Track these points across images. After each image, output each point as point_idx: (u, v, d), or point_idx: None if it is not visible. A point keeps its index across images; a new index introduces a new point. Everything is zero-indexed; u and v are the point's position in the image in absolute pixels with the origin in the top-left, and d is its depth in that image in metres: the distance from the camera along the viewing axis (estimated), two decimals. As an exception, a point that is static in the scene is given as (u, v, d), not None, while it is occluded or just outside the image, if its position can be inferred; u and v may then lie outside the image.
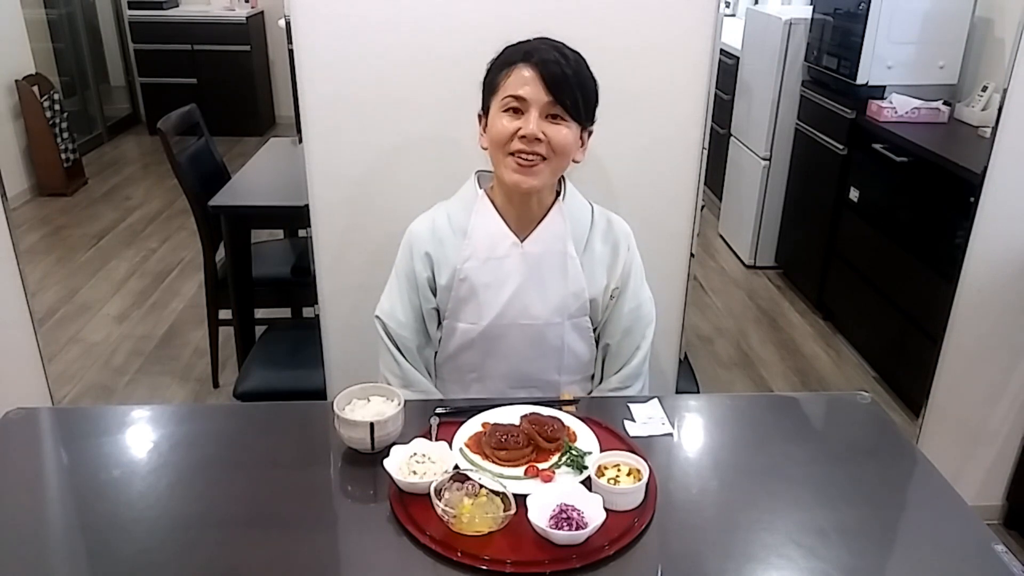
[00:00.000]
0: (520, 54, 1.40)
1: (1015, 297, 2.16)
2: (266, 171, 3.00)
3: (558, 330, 1.53)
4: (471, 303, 1.51)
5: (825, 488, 1.27)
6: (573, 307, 1.52)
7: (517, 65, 1.39)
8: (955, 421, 2.31)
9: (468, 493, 1.15)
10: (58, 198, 4.96)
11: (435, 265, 1.52)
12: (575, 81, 1.39)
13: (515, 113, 1.39)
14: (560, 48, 1.41)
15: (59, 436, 1.42)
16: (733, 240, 4.42)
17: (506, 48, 1.45)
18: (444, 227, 1.52)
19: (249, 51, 6.21)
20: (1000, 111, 1.99)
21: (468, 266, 1.49)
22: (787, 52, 3.74)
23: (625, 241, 1.57)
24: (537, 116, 1.38)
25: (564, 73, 1.38)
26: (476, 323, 1.52)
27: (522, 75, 1.38)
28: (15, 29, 4.88)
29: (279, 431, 1.43)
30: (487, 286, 1.50)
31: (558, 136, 1.40)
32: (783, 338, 3.50)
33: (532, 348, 1.53)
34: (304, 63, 1.78)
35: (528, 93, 1.37)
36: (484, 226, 1.49)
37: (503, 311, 1.50)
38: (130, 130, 6.50)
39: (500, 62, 1.43)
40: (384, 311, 1.56)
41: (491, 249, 1.49)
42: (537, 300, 1.50)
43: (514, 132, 1.39)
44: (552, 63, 1.37)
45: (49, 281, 3.89)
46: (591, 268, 1.53)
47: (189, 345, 3.33)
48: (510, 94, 1.39)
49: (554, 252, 1.50)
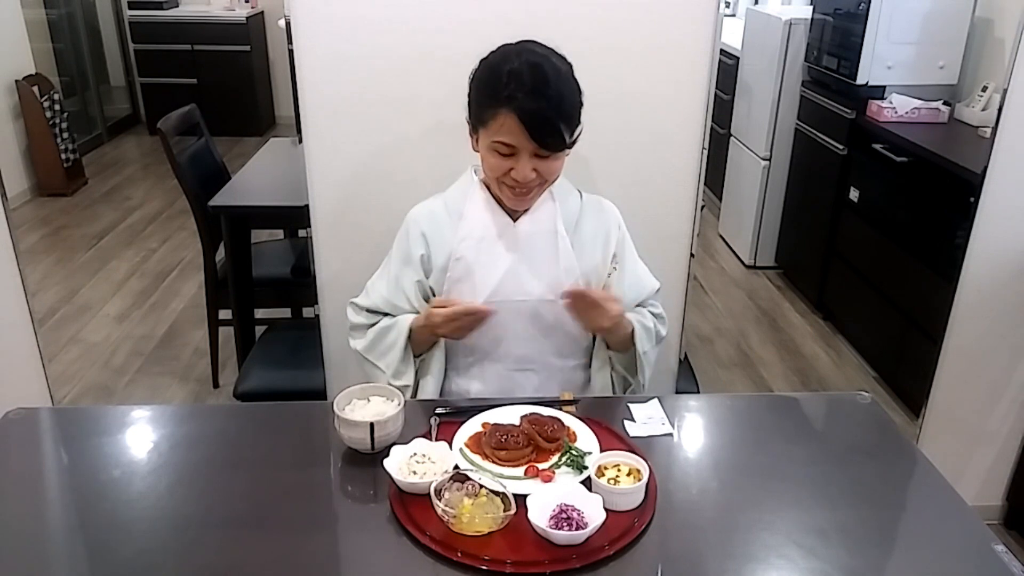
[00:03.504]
0: (503, 96, 1.37)
1: (1015, 297, 2.16)
2: (266, 171, 3.00)
3: (552, 308, 1.55)
4: (466, 283, 1.54)
5: (825, 488, 1.27)
6: (565, 285, 1.55)
7: (500, 111, 1.38)
8: (955, 421, 2.31)
9: (468, 493, 1.15)
10: (58, 198, 4.96)
11: (430, 245, 1.56)
12: (558, 118, 1.38)
13: (505, 155, 1.42)
14: (542, 74, 1.37)
15: (59, 436, 1.42)
16: (733, 240, 4.42)
17: (486, 64, 1.44)
18: (441, 211, 1.58)
19: (249, 51, 6.21)
20: (1000, 111, 1.99)
21: (464, 246, 1.54)
22: (787, 52, 3.74)
23: (615, 221, 1.63)
24: (527, 158, 1.41)
25: (546, 116, 1.37)
26: (471, 302, 1.54)
27: (504, 120, 1.38)
28: (15, 29, 4.89)
29: (279, 431, 1.43)
30: (481, 264, 1.54)
31: (549, 169, 1.45)
32: (783, 338, 3.50)
33: (527, 326, 1.56)
34: (304, 63, 1.78)
35: (515, 140, 1.39)
36: (479, 208, 1.55)
37: (498, 287, 1.53)
38: (130, 130, 6.50)
39: (483, 93, 1.42)
40: (365, 292, 1.63)
41: (485, 229, 1.54)
42: (530, 277, 1.54)
43: (507, 171, 1.43)
44: (534, 110, 1.36)
45: (49, 281, 3.89)
46: (581, 247, 1.57)
47: (189, 345, 3.33)
48: (497, 139, 1.40)
49: (545, 232, 1.55)
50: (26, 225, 4.53)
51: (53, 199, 4.95)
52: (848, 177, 3.37)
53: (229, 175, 3.00)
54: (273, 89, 6.64)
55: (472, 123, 1.48)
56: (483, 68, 1.45)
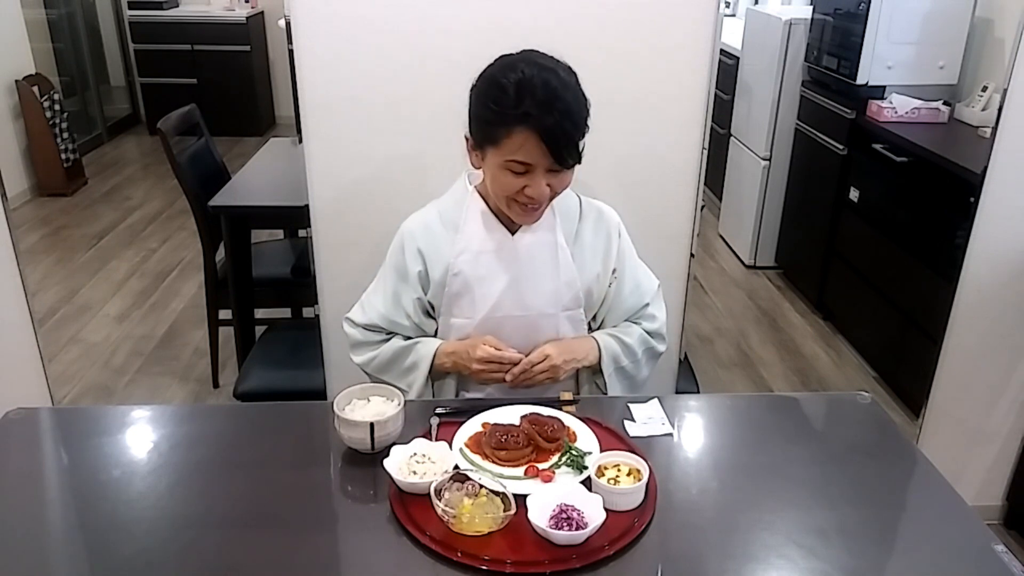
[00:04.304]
0: (517, 114, 1.32)
1: (1015, 297, 2.16)
2: (266, 171, 3.00)
3: (552, 321, 1.54)
4: (465, 297, 1.53)
5: (825, 488, 1.27)
6: (566, 297, 1.54)
7: (515, 128, 1.33)
8: (955, 421, 2.31)
9: (468, 493, 1.15)
10: (58, 198, 4.96)
11: (427, 260, 1.53)
12: (574, 131, 1.35)
13: (519, 174, 1.38)
14: (554, 89, 1.33)
15: (59, 436, 1.42)
16: (733, 240, 4.42)
17: (490, 79, 1.38)
18: (436, 223, 1.54)
19: (249, 51, 6.21)
20: (1000, 111, 1.99)
21: (461, 260, 1.51)
22: (787, 52, 3.74)
23: (615, 228, 1.59)
24: (542, 174, 1.38)
25: (564, 130, 1.33)
26: (471, 317, 1.53)
27: (522, 139, 1.33)
28: (15, 29, 4.89)
29: (279, 431, 1.43)
30: (481, 279, 1.51)
31: (562, 184, 1.42)
32: (783, 338, 3.50)
33: (527, 341, 1.54)
34: (304, 63, 1.78)
35: (532, 158, 1.35)
36: (476, 221, 1.51)
37: (498, 302, 1.51)
38: (130, 130, 6.50)
39: (492, 110, 1.36)
40: (360, 307, 1.61)
41: (483, 242, 1.51)
42: (530, 291, 1.52)
43: (521, 188, 1.39)
44: (553, 126, 1.32)
45: (49, 281, 3.89)
46: (581, 258, 1.55)
47: (189, 345, 3.33)
48: (513, 159, 1.36)
49: (545, 243, 1.52)
50: (26, 225, 4.53)
51: (53, 199, 4.95)
52: (848, 177, 3.37)
53: (229, 175, 3.00)
54: (273, 89, 6.64)
55: (476, 141, 1.42)
56: (487, 83, 1.38)
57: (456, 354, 1.52)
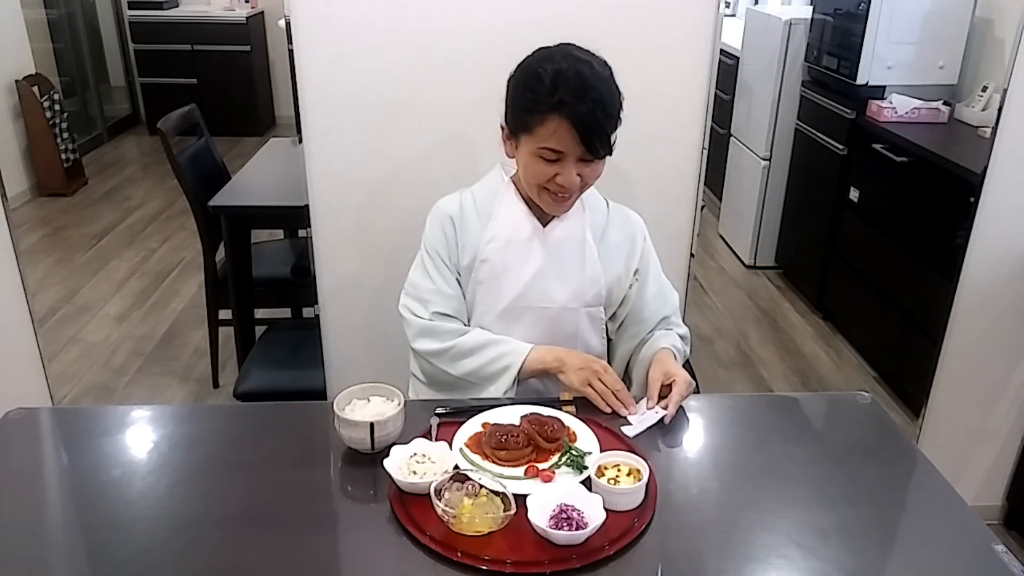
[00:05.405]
0: (552, 102, 1.35)
1: (1015, 297, 2.16)
2: (266, 171, 3.00)
3: (573, 316, 1.55)
4: (491, 286, 1.54)
5: (825, 488, 1.27)
6: (589, 294, 1.55)
7: (549, 116, 1.36)
8: (955, 421, 2.31)
9: (468, 493, 1.15)
10: (58, 198, 4.96)
11: (459, 244, 1.54)
12: (607, 121, 1.38)
13: (551, 161, 1.40)
14: (588, 79, 1.35)
15: (59, 436, 1.42)
16: (733, 240, 4.42)
17: (527, 68, 1.40)
18: (470, 208, 1.56)
19: (249, 51, 6.21)
20: (1000, 111, 1.99)
21: (491, 248, 1.52)
22: (787, 52, 3.74)
23: (641, 232, 1.62)
24: (573, 163, 1.40)
25: (597, 120, 1.36)
26: (494, 305, 1.54)
27: (555, 126, 1.36)
28: (15, 29, 4.89)
29: (279, 431, 1.43)
30: (508, 268, 1.53)
31: (593, 174, 1.44)
32: (783, 338, 3.50)
33: (546, 334, 1.54)
34: (304, 63, 1.78)
35: (563, 146, 1.38)
36: (510, 211, 1.53)
37: (523, 292, 1.53)
38: (130, 130, 6.50)
39: (528, 98, 1.38)
40: (416, 290, 1.55)
41: (514, 232, 1.53)
42: (556, 284, 1.53)
43: (551, 176, 1.41)
44: (585, 115, 1.34)
45: (49, 281, 3.89)
46: (607, 256, 1.56)
47: (189, 345, 3.33)
48: (545, 146, 1.38)
49: (573, 239, 1.54)
50: (26, 225, 4.53)
51: (53, 199, 4.95)
52: (848, 177, 3.37)
53: (229, 175, 3.00)
54: (273, 89, 6.64)
55: (511, 129, 1.45)
56: (524, 72, 1.41)
57: (562, 362, 1.47)
